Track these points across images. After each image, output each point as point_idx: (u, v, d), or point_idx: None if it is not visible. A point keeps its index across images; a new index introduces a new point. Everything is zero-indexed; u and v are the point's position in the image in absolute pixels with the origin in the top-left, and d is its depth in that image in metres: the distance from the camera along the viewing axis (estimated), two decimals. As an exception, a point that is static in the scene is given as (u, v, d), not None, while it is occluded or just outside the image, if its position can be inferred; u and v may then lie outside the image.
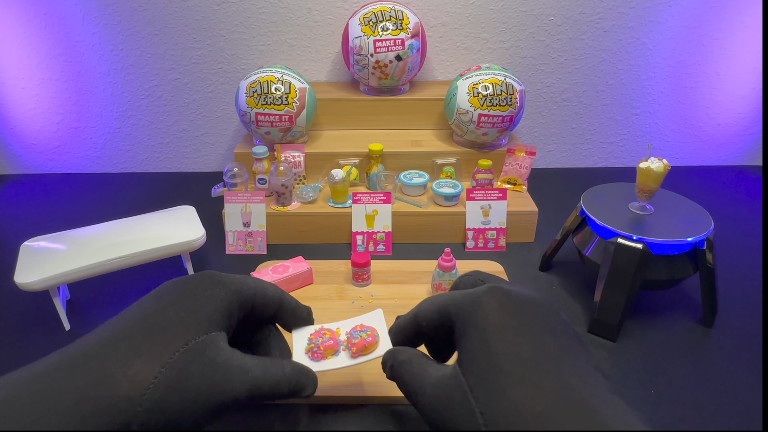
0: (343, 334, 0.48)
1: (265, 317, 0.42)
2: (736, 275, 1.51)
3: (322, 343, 0.46)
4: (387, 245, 1.63)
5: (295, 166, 1.75)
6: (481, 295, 0.32)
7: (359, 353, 0.45)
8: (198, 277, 0.37)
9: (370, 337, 0.47)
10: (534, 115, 2.17)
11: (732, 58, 2.05)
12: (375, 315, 0.50)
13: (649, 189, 1.25)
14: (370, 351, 0.47)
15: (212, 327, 0.34)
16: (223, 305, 0.36)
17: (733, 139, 2.22)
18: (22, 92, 2.06)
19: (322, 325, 0.48)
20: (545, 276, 1.52)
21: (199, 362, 0.32)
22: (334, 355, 0.46)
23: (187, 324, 0.33)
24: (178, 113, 2.13)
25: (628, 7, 1.96)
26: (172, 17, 1.95)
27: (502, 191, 1.62)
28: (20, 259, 1.25)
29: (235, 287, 0.37)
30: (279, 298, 0.43)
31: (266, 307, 0.41)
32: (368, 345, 0.47)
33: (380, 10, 1.76)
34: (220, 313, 0.35)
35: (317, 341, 0.46)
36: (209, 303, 0.35)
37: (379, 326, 0.47)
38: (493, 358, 0.28)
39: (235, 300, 0.37)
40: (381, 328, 0.47)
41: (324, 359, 0.46)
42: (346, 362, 0.45)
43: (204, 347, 0.33)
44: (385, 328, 0.46)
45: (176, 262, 1.55)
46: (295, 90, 1.68)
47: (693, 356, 1.22)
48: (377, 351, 0.46)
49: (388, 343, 0.43)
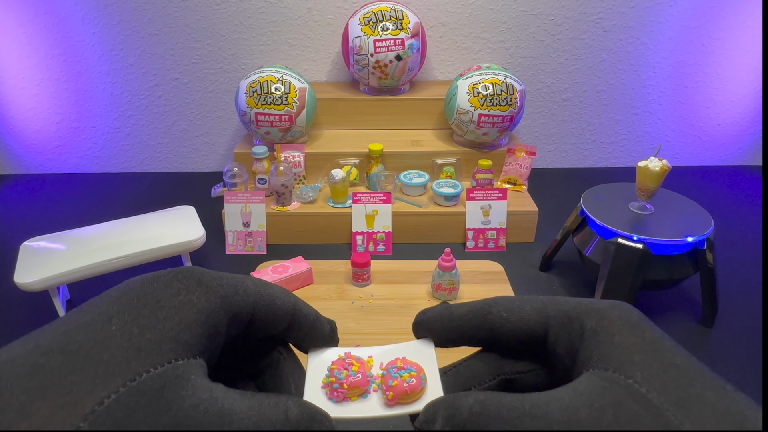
0: (376, 366, 0.33)
1: (274, 335, 0.29)
2: (736, 275, 1.51)
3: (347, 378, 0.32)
4: (387, 245, 1.63)
5: (295, 166, 1.75)
6: (618, 303, 0.26)
7: (396, 401, 0.30)
8: (170, 276, 0.24)
9: (414, 378, 0.31)
10: (534, 115, 2.17)
11: (732, 58, 2.05)
12: (424, 346, 0.33)
13: (648, 188, 1.25)
14: (413, 400, 0.31)
15: (180, 351, 0.22)
16: (202, 318, 0.24)
17: (733, 139, 2.22)
18: (22, 92, 2.06)
19: (350, 349, 0.34)
20: (545, 276, 1.52)
21: (150, 409, 0.20)
22: (362, 396, 0.32)
23: (136, 348, 0.21)
24: (177, 113, 2.13)
25: (628, 7, 1.96)
26: (172, 17, 1.95)
27: (502, 191, 1.62)
28: (20, 259, 1.25)
29: (223, 292, 0.25)
30: (291, 309, 0.29)
31: (273, 320, 0.28)
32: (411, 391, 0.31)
33: (380, 10, 1.76)
34: (196, 330, 0.23)
35: (340, 374, 0.32)
36: (178, 315, 0.23)
37: (428, 363, 0.32)
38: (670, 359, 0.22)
39: (223, 311, 0.25)
40: (430, 367, 0.32)
41: (347, 401, 0.32)
42: (378, 411, 0.31)
43: (163, 384, 0.21)
44: (435, 366, 0.32)
45: (176, 262, 1.55)
46: (295, 90, 1.68)
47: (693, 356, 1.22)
48: (421, 401, 0.31)
49: (438, 388, 0.30)
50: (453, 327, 0.29)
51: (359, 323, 1.28)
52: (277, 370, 0.31)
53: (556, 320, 0.26)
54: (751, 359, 1.21)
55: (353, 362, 0.34)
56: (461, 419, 0.24)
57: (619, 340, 0.24)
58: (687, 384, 0.21)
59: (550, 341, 0.26)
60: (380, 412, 0.31)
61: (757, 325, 1.31)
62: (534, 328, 0.27)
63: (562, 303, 0.27)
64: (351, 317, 1.31)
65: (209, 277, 0.25)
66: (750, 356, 1.22)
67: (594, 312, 0.25)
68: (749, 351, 1.23)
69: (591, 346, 0.24)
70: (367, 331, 1.26)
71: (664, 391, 0.21)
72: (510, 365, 0.28)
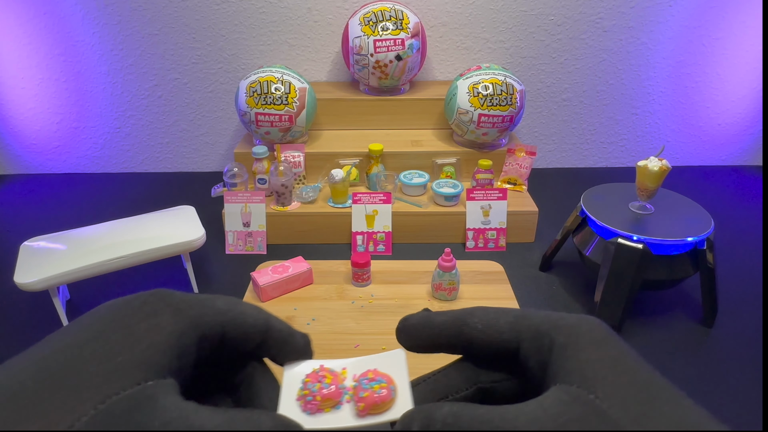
0: (349, 378, 0.35)
1: (248, 350, 0.31)
2: (736, 275, 1.51)
3: (320, 390, 0.33)
4: (387, 245, 1.63)
5: (295, 166, 1.75)
6: (586, 318, 0.27)
7: (367, 411, 0.32)
8: (140, 301, 0.26)
9: (384, 390, 0.33)
10: (534, 115, 2.17)
11: (732, 58, 2.05)
12: (394, 357, 0.36)
13: (648, 188, 1.25)
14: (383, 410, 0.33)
15: (150, 373, 0.23)
16: (171, 340, 0.25)
17: (733, 139, 2.22)
18: (22, 92, 2.06)
19: (324, 362, 0.35)
20: (545, 276, 1.52)
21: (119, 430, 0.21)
22: (335, 408, 0.33)
23: (107, 372, 0.23)
24: (177, 113, 2.13)
25: (629, 7, 1.96)
26: (172, 17, 1.95)
27: (502, 191, 1.62)
28: (20, 259, 1.25)
29: (193, 313, 0.27)
30: (264, 325, 0.30)
31: (245, 337, 0.30)
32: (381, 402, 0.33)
33: (380, 10, 1.76)
34: (165, 351, 0.25)
35: (313, 387, 0.33)
36: (148, 338, 0.24)
37: (398, 374, 0.34)
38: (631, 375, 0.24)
39: (192, 331, 0.26)
40: (401, 378, 0.34)
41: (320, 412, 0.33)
42: (350, 422, 0.32)
43: (132, 405, 0.22)
44: (406, 377, 0.33)
45: (176, 262, 1.55)
46: (295, 90, 1.68)
47: (693, 356, 1.22)
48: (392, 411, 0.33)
49: (408, 399, 0.32)
50: (432, 335, 0.31)
51: (359, 323, 1.29)
52: (252, 385, 0.32)
53: (527, 335, 0.28)
54: (751, 359, 1.21)
55: (327, 375, 0.35)
56: (435, 430, 0.25)
57: (585, 356, 0.25)
58: (647, 400, 0.22)
59: (522, 354, 0.27)
60: (352, 423, 0.33)
61: (757, 325, 1.31)
62: (508, 340, 0.28)
63: (534, 317, 0.28)
64: (351, 317, 1.31)
65: (178, 300, 0.27)
66: (750, 356, 1.22)
67: (563, 327, 0.27)
68: (749, 351, 1.23)
69: (559, 361, 0.25)
70: (367, 331, 1.26)
71: (624, 407, 0.22)
72: (486, 375, 0.30)
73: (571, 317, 0.27)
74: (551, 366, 0.26)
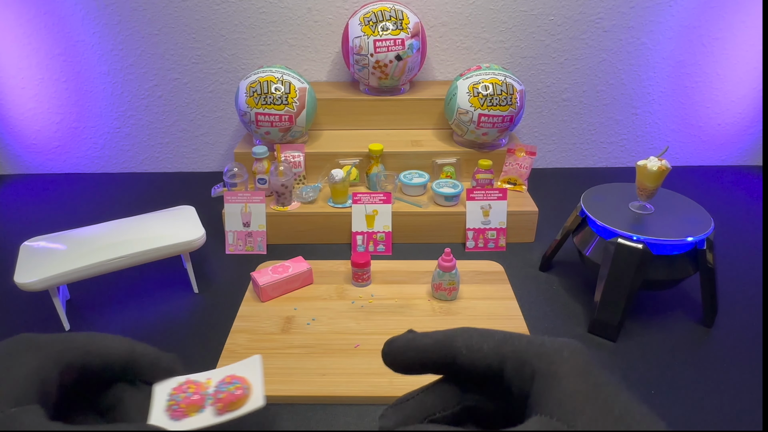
0: (212, 386, 0.40)
1: (114, 376, 0.36)
2: (736, 275, 1.51)
3: (184, 399, 0.39)
4: (387, 245, 1.63)
5: (295, 166, 1.75)
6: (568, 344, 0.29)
7: (226, 409, 0.38)
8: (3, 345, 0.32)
9: (239, 390, 0.40)
10: (534, 115, 2.17)
11: (732, 58, 2.05)
12: (251, 363, 0.43)
13: (647, 188, 1.25)
14: (239, 406, 0.39)
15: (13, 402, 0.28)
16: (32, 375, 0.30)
17: (733, 139, 2.22)
18: (22, 92, 2.06)
19: (190, 376, 0.41)
20: (545, 276, 1.52)
21: None
22: (198, 411, 0.39)
23: None
24: (177, 113, 2.13)
25: (628, 7, 1.96)
26: (172, 17, 1.95)
27: (502, 191, 1.62)
28: (20, 259, 1.25)
29: (56, 349, 0.32)
30: (126, 353, 0.35)
31: (106, 365, 0.34)
32: (236, 399, 0.40)
33: (380, 10, 1.76)
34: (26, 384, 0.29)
35: (178, 397, 0.39)
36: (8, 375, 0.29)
37: (253, 376, 0.41)
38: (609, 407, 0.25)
39: (54, 365, 0.31)
40: (255, 378, 0.41)
41: (186, 417, 0.39)
42: (210, 420, 0.38)
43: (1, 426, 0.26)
44: (260, 377, 0.40)
45: (176, 262, 1.55)
46: (295, 90, 1.68)
47: (693, 356, 1.22)
48: (247, 405, 0.39)
49: (260, 395, 0.38)
50: (417, 358, 0.32)
51: (359, 323, 1.29)
52: (122, 405, 0.36)
53: (510, 362, 0.29)
54: (751, 359, 1.21)
55: (191, 385, 0.40)
56: None
57: (564, 386, 0.26)
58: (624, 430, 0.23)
59: (505, 379, 0.28)
60: (213, 421, 0.38)
61: (757, 325, 1.31)
62: (492, 365, 0.29)
63: (517, 343, 0.29)
64: (351, 317, 1.31)
65: (41, 340, 0.32)
66: (750, 356, 1.22)
67: (544, 355, 0.28)
68: (749, 351, 1.23)
69: (539, 391, 0.27)
70: (367, 331, 1.26)
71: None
72: (471, 395, 0.31)
73: (554, 343, 0.28)
74: (532, 396, 0.27)
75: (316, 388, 1.10)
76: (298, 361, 1.17)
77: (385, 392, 1.08)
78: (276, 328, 1.27)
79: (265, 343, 1.22)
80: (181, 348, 1.22)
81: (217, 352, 1.20)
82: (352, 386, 1.10)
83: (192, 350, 1.22)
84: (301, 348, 1.21)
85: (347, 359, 1.17)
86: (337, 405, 1.08)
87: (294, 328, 1.27)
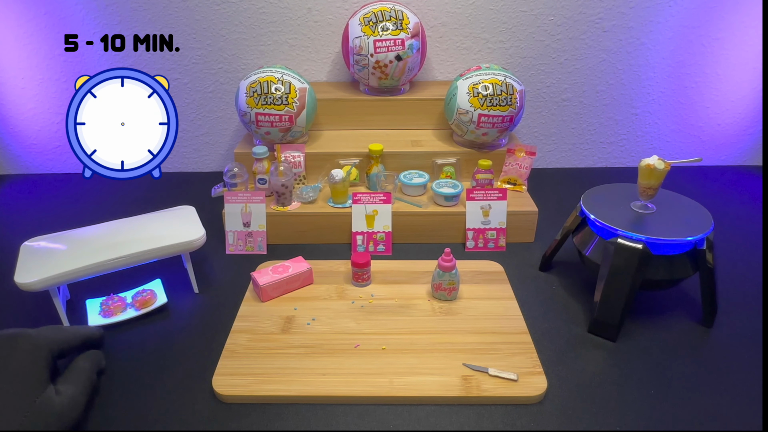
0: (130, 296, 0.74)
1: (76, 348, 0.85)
2: (736, 275, 1.51)
3: (112, 304, 0.79)
4: (387, 245, 1.63)
5: (295, 166, 1.75)
6: None
7: (142, 307, 0.70)
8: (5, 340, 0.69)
9: (149, 295, 0.79)
10: (534, 115, 2.17)
11: (732, 58, 2.05)
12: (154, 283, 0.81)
13: (651, 187, 1.25)
14: (150, 304, 0.81)
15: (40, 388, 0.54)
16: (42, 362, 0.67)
17: (733, 139, 2.22)
18: (22, 92, 2.06)
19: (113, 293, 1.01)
20: (545, 276, 1.52)
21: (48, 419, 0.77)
22: (123, 311, 0.77)
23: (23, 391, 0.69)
24: (178, 113, 2.13)
25: (628, 7, 1.96)
26: (172, 17, 1.95)
27: (502, 191, 1.62)
28: (20, 259, 1.25)
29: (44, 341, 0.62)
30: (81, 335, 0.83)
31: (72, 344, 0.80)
32: (147, 300, 0.86)
33: (380, 10, 1.76)
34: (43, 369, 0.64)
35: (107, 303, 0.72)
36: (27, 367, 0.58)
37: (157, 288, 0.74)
38: None
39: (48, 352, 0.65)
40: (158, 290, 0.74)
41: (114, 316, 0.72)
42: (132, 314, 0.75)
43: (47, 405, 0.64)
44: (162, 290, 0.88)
45: (176, 262, 1.55)
46: (295, 90, 1.68)
47: (693, 356, 1.22)
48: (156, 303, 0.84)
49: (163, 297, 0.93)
50: None
51: (359, 323, 1.29)
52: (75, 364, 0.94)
53: None
54: (751, 359, 1.21)
55: (114, 297, 1.15)
56: None
57: None
58: None
59: None
60: (133, 314, 1.12)
61: (757, 325, 1.31)
62: None
63: None
64: (351, 317, 1.31)
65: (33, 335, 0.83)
66: (750, 356, 1.22)
67: None
68: (749, 351, 1.23)
69: None
70: (367, 331, 1.26)
71: None
72: None
73: None
74: None
75: (316, 388, 1.10)
76: (298, 361, 1.17)
77: (385, 392, 1.08)
78: (276, 328, 1.27)
79: (265, 343, 1.22)
80: (181, 348, 1.22)
81: (218, 352, 1.20)
82: (352, 386, 1.10)
83: (192, 350, 1.22)
84: (301, 348, 1.21)
85: (347, 359, 1.17)
86: (337, 405, 1.08)
87: (294, 328, 1.27)
